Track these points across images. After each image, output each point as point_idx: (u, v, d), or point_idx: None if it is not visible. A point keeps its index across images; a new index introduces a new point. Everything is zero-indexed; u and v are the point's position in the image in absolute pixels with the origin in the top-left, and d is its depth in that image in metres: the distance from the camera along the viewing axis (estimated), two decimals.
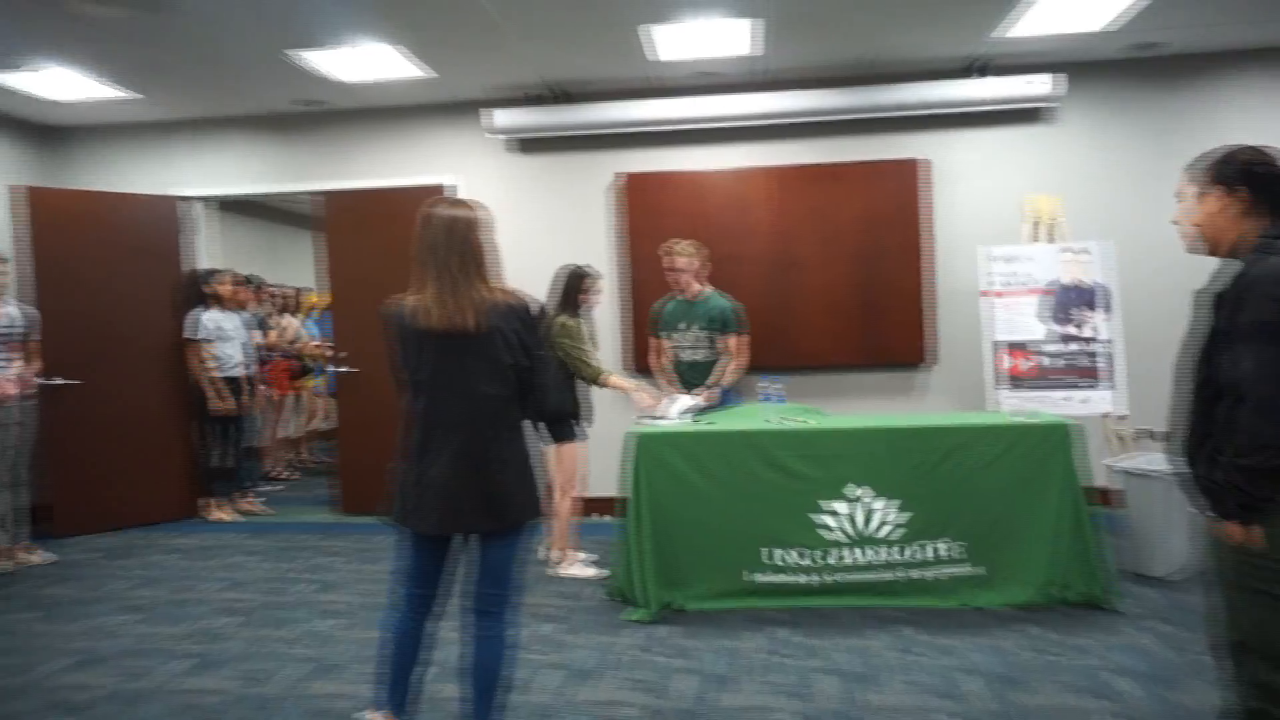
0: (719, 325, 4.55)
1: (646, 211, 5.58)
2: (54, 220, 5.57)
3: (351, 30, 4.49)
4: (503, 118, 5.54)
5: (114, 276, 5.76)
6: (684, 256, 4.59)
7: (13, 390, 4.77)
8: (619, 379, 4.44)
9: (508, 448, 2.47)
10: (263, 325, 6.95)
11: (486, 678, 2.49)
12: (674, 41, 4.77)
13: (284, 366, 7.47)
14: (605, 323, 5.62)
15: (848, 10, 4.41)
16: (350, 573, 4.72)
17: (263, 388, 6.70)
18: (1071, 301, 4.95)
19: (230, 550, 5.23)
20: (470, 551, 2.56)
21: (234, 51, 4.75)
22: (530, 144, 5.82)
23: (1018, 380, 4.99)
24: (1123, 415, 4.94)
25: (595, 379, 4.34)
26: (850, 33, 4.74)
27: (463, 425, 2.43)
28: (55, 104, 5.62)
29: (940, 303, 5.52)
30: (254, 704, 3.14)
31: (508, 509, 2.46)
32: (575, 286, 4.42)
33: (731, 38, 4.73)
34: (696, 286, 4.68)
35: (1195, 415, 1.98)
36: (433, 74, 5.22)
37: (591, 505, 4.99)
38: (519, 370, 2.47)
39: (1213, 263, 2.07)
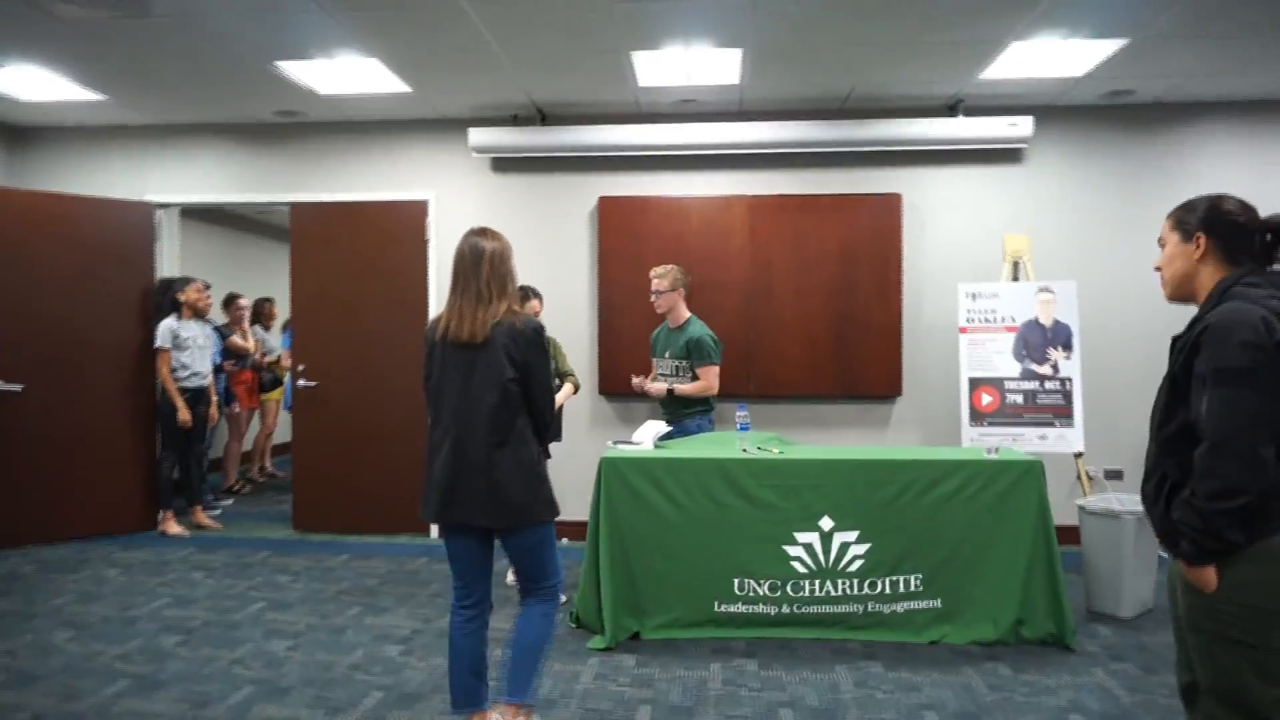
0: (695, 354, 4.50)
1: (623, 235, 5.55)
2: (9, 221, 5.40)
3: (338, 44, 4.43)
4: (486, 136, 5.50)
5: (73, 281, 5.59)
6: (655, 278, 4.55)
7: None
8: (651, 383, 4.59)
9: (507, 453, 2.67)
10: (223, 336, 6.81)
11: (521, 642, 2.79)
12: (660, 68, 4.77)
13: (249, 378, 7.30)
14: (579, 345, 5.57)
15: (832, 45, 4.45)
16: (303, 592, 4.57)
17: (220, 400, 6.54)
18: (1045, 340, 5.00)
19: (180, 565, 5.04)
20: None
21: (215, 59, 4.66)
22: (510, 163, 5.78)
23: (987, 416, 5.01)
24: (1079, 453, 4.98)
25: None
26: (832, 67, 4.78)
27: (467, 429, 2.67)
28: (18, 103, 5.47)
29: (914, 337, 5.53)
30: None
31: (507, 508, 2.67)
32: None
33: (717, 67, 4.74)
34: (680, 313, 4.61)
35: (1154, 457, 1.99)
36: (417, 90, 5.17)
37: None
38: (520, 384, 2.70)
39: (1180, 309, 2.09)
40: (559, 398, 4.41)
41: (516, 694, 2.77)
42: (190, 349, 5.76)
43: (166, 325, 5.68)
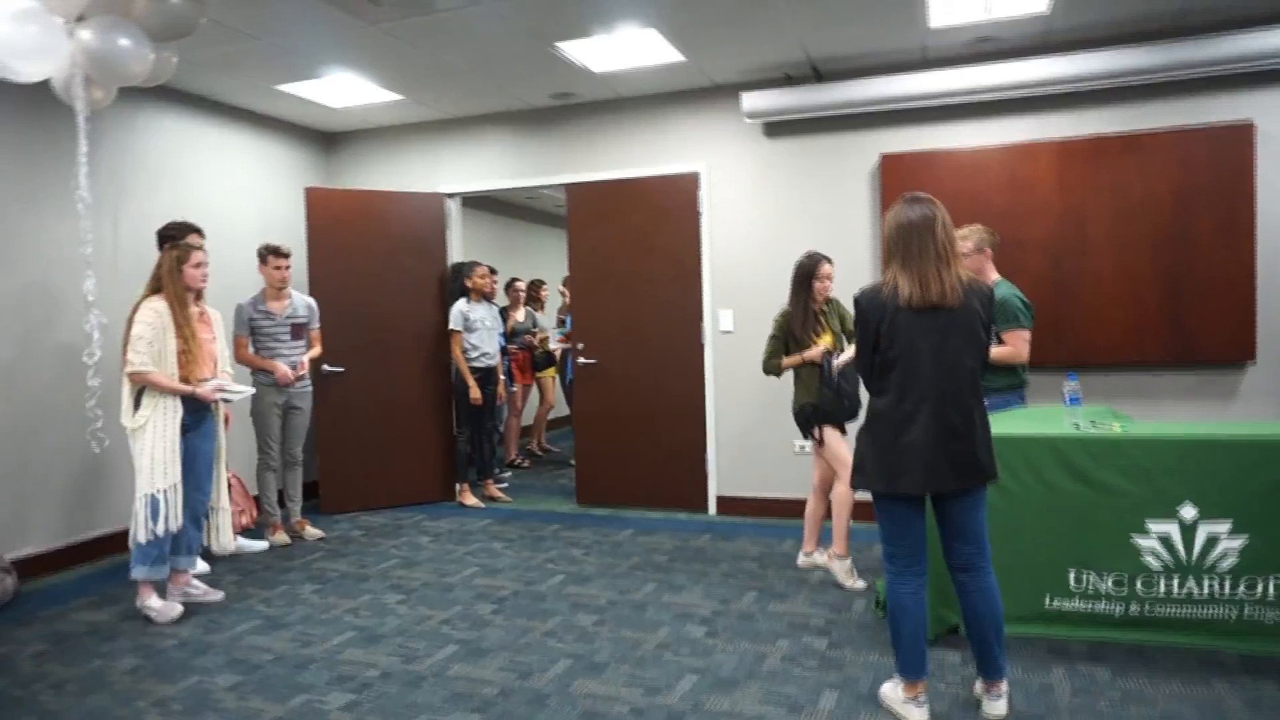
0: (1000, 317, 4.01)
1: (909, 191, 5.11)
2: (329, 218, 5.95)
3: (612, 15, 4.39)
4: (759, 100, 5.28)
5: (380, 270, 6.07)
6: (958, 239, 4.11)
7: (294, 375, 5.09)
8: (794, 357, 4.25)
9: (979, 414, 2.71)
10: (503, 316, 7.17)
11: (993, 625, 2.75)
12: (955, 3, 4.30)
13: (523, 358, 7.66)
14: None
15: None
16: (598, 566, 4.65)
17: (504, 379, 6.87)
18: None
19: (481, 535, 5.34)
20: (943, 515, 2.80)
21: (497, 47, 4.80)
22: (784, 126, 5.53)
23: None
24: None
25: (767, 370, 4.33)
26: None
27: (944, 394, 2.65)
28: (331, 110, 5.99)
29: (1271, 292, 4.67)
30: (526, 697, 3.07)
31: (979, 467, 2.69)
32: (809, 273, 4.24)
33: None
34: (988, 275, 4.12)
35: None
36: (690, 58, 5.05)
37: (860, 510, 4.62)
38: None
39: None
40: (792, 360, 4.27)
41: (999, 673, 2.79)
42: (479, 330, 6.07)
43: (458, 308, 6.02)
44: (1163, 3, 4.39)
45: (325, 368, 5.76)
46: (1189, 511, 3.27)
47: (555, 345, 7.67)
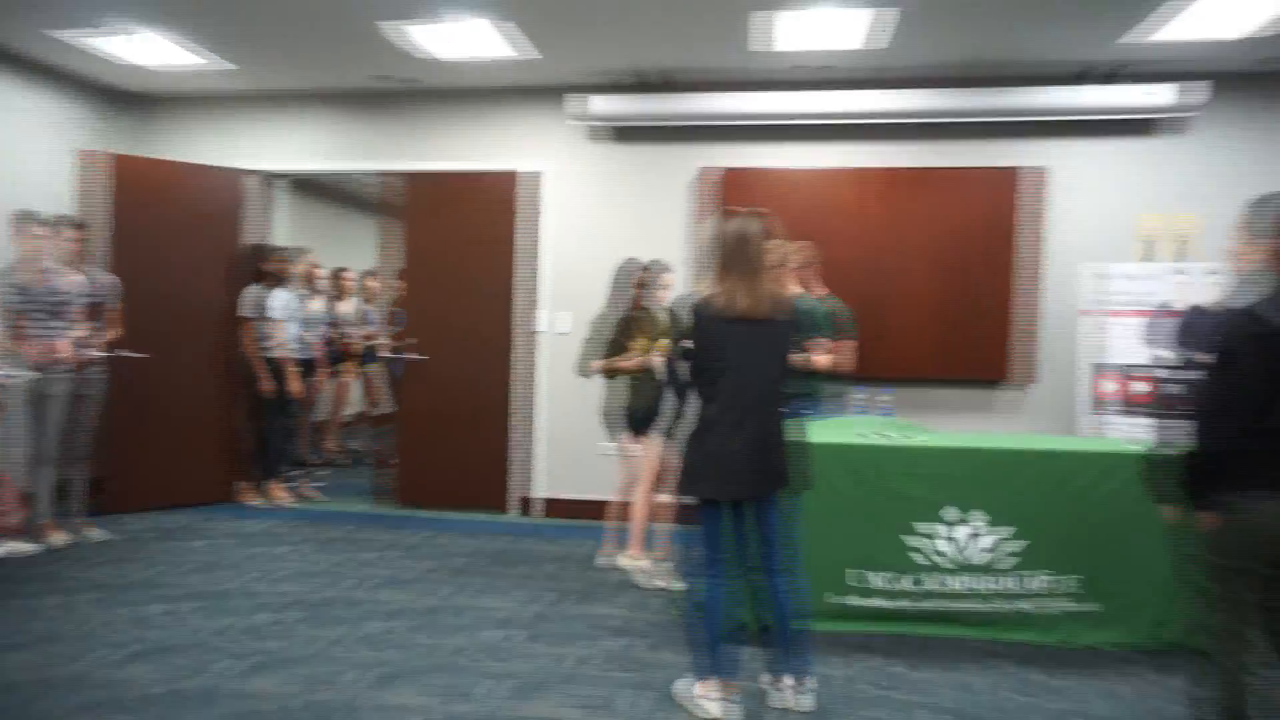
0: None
1: (740, 206, 5.27)
2: (109, 187, 5.42)
3: (468, 3, 4.30)
4: (598, 104, 5.32)
5: (171, 249, 5.60)
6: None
7: (67, 354, 4.63)
8: (609, 362, 4.32)
9: (782, 424, 2.88)
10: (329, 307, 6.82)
11: (799, 623, 2.94)
12: (784, 31, 4.49)
13: (340, 349, 7.29)
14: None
15: (985, 3, 4.11)
16: (393, 570, 4.52)
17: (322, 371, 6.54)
18: (1193, 328, 4.58)
19: (275, 539, 5.07)
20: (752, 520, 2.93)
21: (329, 20, 4.56)
22: (625, 133, 5.59)
23: (1138, 406, 4.64)
24: None
25: (579, 371, 4.42)
26: (980, 28, 4.42)
27: (762, 404, 2.81)
28: (136, 69, 5.50)
29: (1053, 319, 5.20)
30: (318, 712, 2.94)
31: (780, 475, 2.86)
32: (648, 281, 4.37)
33: (847, 30, 4.44)
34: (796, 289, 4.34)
35: None
36: (529, 55, 5.00)
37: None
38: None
39: None
40: (603, 365, 4.38)
41: (805, 668, 2.98)
42: (278, 318, 5.74)
43: (251, 293, 5.68)
44: (976, 51, 4.76)
45: (123, 353, 5.27)
46: (964, 514, 3.57)
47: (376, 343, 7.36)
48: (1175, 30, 4.35)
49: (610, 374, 4.34)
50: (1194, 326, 4.57)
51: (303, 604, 3.98)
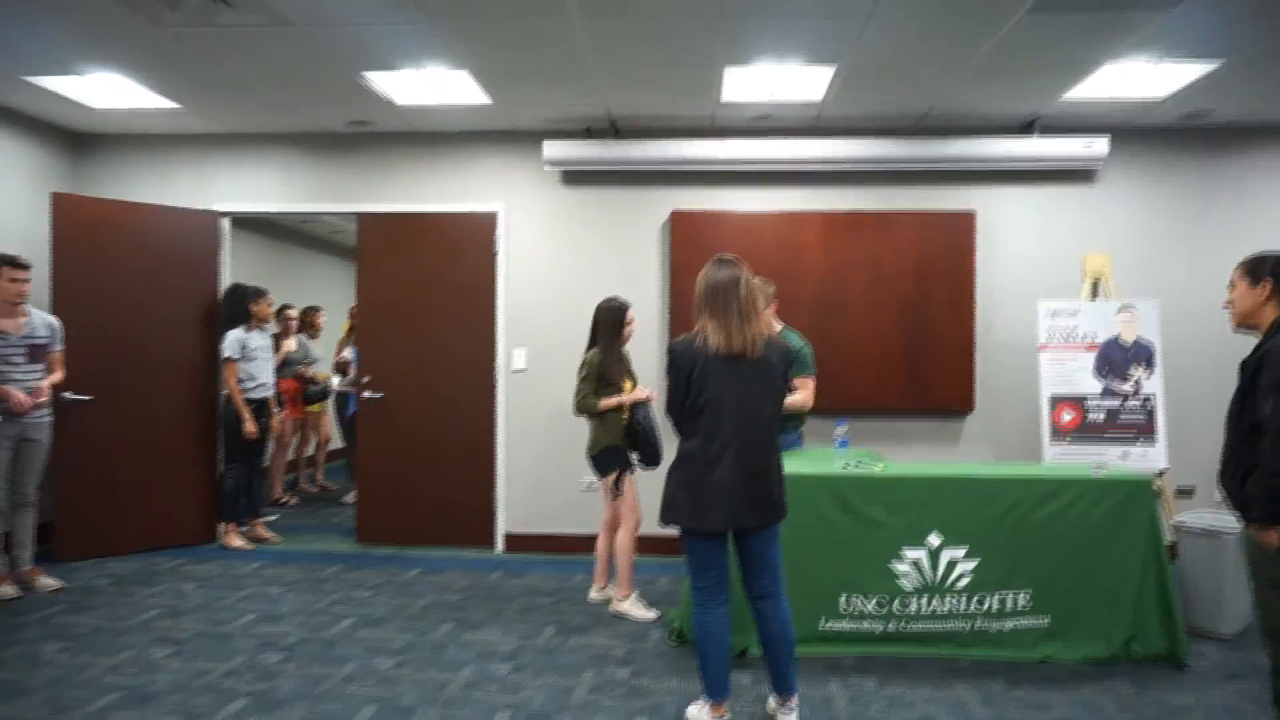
0: (796, 366, 4.38)
1: (694, 249, 5.53)
2: (81, 229, 5.34)
3: (430, 54, 4.41)
4: (559, 149, 5.49)
5: (141, 291, 5.54)
6: None
7: (28, 403, 4.51)
8: (610, 399, 4.36)
9: (775, 457, 3.02)
10: (276, 346, 6.75)
11: (787, 646, 3.06)
12: (746, 84, 4.77)
13: (293, 388, 7.24)
14: (649, 360, 5.54)
15: (925, 64, 4.46)
16: (389, 608, 4.52)
17: (278, 411, 6.47)
18: (1127, 358, 5.02)
19: (254, 579, 4.98)
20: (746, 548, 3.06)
21: (297, 68, 4.62)
22: (582, 176, 5.77)
23: (1069, 433, 5.03)
24: (1162, 470, 5.00)
25: (582, 409, 4.37)
26: (919, 85, 4.79)
27: (746, 438, 2.92)
28: (91, 110, 5.42)
29: (986, 354, 5.57)
30: None
31: (776, 508, 3.00)
32: (620, 319, 4.42)
33: (803, 83, 4.75)
34: (771, 326, 4.51)
35: (1230, 448, 2.74)
36: (496, 102, 5.14)
37: (643, 544, 4.84)
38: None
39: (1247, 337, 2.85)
40: (608, 402, 4.36)
41: (792, 689, 3.09)
42: (257, 359, 5.72)
43: (235, 335, 5.63)
44: (914, 104, 5.14)
45: (68, 395, 5.13)
46: (935, 539, 3.83)
47: (337, 385, 7.33)
48: (1090, 89, 4.82)
49: (604, 412, 4.38)
50: (1112, 357, 5.04)
51: (307, 643, 3.95)
